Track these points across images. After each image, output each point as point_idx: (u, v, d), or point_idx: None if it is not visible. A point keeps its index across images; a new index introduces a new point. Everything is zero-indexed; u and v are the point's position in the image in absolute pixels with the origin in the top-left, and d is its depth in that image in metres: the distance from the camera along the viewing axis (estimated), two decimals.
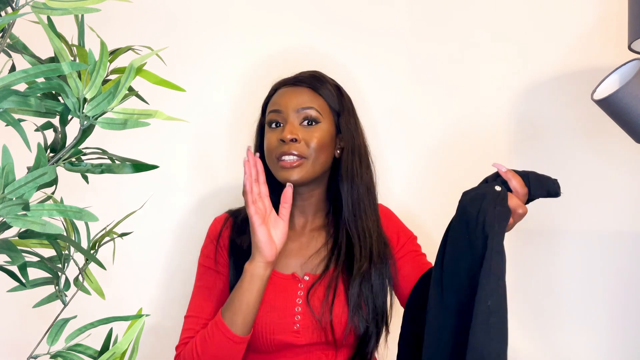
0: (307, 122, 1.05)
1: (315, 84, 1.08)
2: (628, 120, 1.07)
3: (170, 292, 1.38)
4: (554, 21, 1.44)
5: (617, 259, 1.43)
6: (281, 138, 1.03)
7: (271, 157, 1.05)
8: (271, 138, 1.06)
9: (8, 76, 0.51)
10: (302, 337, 1.03)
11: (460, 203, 0.91)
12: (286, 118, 1.05)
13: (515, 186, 0.91)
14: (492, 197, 0.87)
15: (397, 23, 1.45)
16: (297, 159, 1.03)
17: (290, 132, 1.03)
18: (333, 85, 1.10)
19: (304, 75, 1.10)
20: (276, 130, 1.06)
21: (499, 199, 0.87)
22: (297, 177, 1.03)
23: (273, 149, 1.05)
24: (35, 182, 0.52)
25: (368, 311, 1.03)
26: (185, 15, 1.41)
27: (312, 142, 1.04)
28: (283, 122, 1.06)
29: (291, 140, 1.02)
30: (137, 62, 0.57)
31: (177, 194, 1.39)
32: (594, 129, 1.42)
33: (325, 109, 1.07)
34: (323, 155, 1.06)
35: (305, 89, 1.08)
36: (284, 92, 1.09)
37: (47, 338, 0.64)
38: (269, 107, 1.10)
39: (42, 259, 0.66)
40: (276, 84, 1.13)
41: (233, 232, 1.11)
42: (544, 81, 1.44)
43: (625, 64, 1.10)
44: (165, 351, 1.36)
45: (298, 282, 1.06)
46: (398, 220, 1.18)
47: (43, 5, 0.53)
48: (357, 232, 1.07)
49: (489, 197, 0.87)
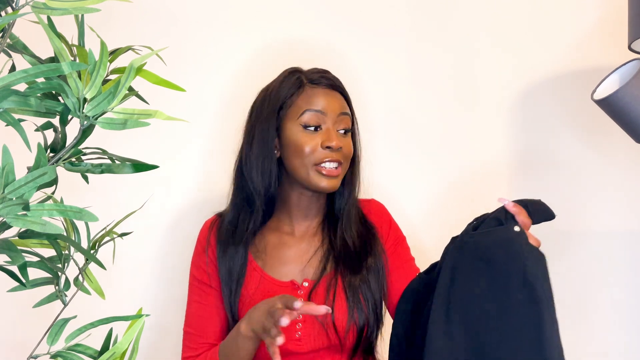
0: (344, 131, 1.04)
1: (345, 91, 1.08)
2: (628, 120, 1.07)
3: (170, 292, 1.37)
4: (554, 21, 1.44)
5: (617, 258, 1.43)
6: (329, 145, 1.00)
7: (309, 162, 1.01)
8: (309, 141, 1.01)
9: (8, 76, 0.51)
10: (304, 344, 1.01)
11: (474, 244, 0.87)
12: (327, 122, 1.02)
13: (523, 220, 0.87)
14: (518, 241, 0.84)
15: (397, 23, 1.45)
16: (338, 165, 1.02)
17: (338, 140, 1.01)
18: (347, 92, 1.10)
19: (331, 77, 1.07)
20: (316, 133, 1.02)
21: (524, 241, 0.84)
22: (335, 185, 1.03)
23: (311, 153, 1.01)
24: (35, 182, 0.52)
25: (367, 304, 1.03)
26: (185, 15, 1.41)
27: (347, 150, 1.04)
28: (324, 126, 1.03)
29: (338, 148, 1.01)
30: (137, 62, 0.57)
31: (177, 193, 1.39)
32: (594, 129, 1.42)
33: (351, 117, 1.08)
34: (349, 163, 1.07)
35: (339, 94, 1.06)
36: (322, 92, 1.04)
37: (47, 338, 0.64)
38: (302, 105, 1.03)
39: (42, 259, 0.66)
40: (296, 81, 1.05)
41: (219, 236, 1.09)
42: (544, 81, 1.44)
43: (625, 64, 1.10)
44: (165, 351, 1.36)
45: (297, 288, 1.04)
46: (390, 216, 1.18)
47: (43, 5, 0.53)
48: (351, 231, 1.08)
49: (517, 243, 0.84)
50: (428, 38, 1.45)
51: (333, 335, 1.01)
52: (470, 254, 0.87)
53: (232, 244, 1.06)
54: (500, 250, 0.85)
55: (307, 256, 1.08)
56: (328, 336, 1.01)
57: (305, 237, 1.10)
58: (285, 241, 1.09)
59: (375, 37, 1.44)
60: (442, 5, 1.45)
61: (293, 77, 1.05)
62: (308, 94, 1.03)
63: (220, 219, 1.11)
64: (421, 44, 1.45)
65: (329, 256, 1.07)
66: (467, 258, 0.88)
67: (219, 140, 1.41)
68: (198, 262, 1.09)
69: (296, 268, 1.07)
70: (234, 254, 1.05)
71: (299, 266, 1.07)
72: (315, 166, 1.01)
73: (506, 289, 0.83)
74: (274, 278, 1.05)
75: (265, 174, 1.04)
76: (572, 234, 1.44)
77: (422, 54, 1.45)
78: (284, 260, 1.07)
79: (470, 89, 1.45)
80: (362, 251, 1.07)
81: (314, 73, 1.07)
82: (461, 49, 1.45)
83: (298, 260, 1.08)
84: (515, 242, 0.84)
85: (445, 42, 1.45)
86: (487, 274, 0.85)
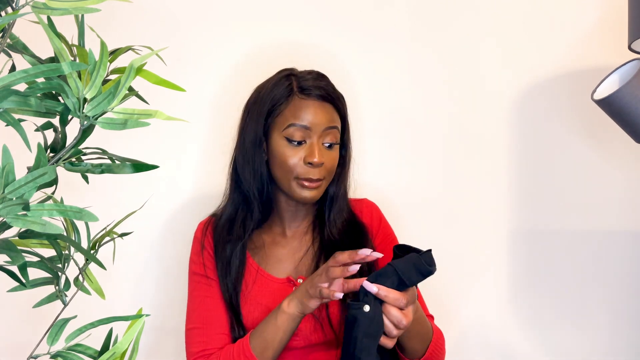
0: (329, 145, 1.04)
1: (337, 102, 1.06)
2: (628, 120, 1.07)
3: (170, 292, 1.37)
4: (554, 21, 1.44)
5: (617, 258, 1.43)
6: (309, 161, 1.01)
7: (290, 174, 1.02)
8: (292, 156, 1.02)
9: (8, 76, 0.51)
10: (300, 339, 1.03)
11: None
12: (313, 137, 1.02)
13: (391, 301, 0.83)
14: (362, 327, 0.83)
15: (397, 23, 1.45)
16: (319, 179, 1.03)
17: (320, 156, 1.01)
18: (343, 98, 1.09)
19: (322, 86, 1.05)
20: (299, 148, 1.02)
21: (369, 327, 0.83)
22: (314, 196, 1.04)
23: (293, 167, 1.02)
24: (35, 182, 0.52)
25: None
26: (185, 15, 1.41)
27: (330, 164, 1.05)
28: (307, 141, 1.03)
29: (320, 164, 1.02)
30: (137, 62, 0.57)
31: (177, 193, 1.39)
32: (594, 129, 1.42)
33: (340, 126, 1.08)
34: (333, 173, 1.07)
35: (328, 106, 1.05)
36: (309, 105, 1.02)
37: (47, 338, 0.64)
38: (289, 118, 1.02)
39: (42, 259, 0.66)
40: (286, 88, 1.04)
41: (216, 234, 1.10)
42: (544, 81, 1.44)
43: (625, 64, 1.10)
44: (166, 351, 1.36)
45: (293, 285, 1.07)
46: (381, 213, 1.19)
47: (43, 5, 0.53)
48: (338, 228, 1.10)
49: (361, 328, 0.83)
50: (428, 38, 1.45)
51: (328, 330, 1.02)
52: None
53: (230, 241, 1.07)
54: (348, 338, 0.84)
55: (299, 254, 1.10)
56: (323, 331, 1.02)
57: (296, 237, 1.12)
58: (278, 240, 1.12)
59: (375, 37, 1.44)
60: (442, 6, 1.45)
61: (285, 83, 1.04)
62: (296, 105, 1.02)
63: (215, 218, 1.12)
64: (421, 43, 1.45)
65: (320, 254, 1.09)
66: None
67: (219, 140, 1.41)
68: (195, 259, 1.10)
69: (290, 265, 1.09)
70: (232, 250, 1.07)
71: (292, 264, 1.09)
72: (297, 180, 1.02)
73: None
74: (271, 274, 1.08)
75: (257, 176, 1.06)
76: (571, 234, 1.44)
77: (422, 54, 1.45)
78: (279, 258, 1.10)
79: (470, 89, 1.45)
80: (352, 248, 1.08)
81: (307, 80, 1.04)
82: (461, 49, 1.45)
83: (291, 258, 1.10)
84: (358, 327, 0.83)
85: (444, 42, 1.45)
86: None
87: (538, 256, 1.44)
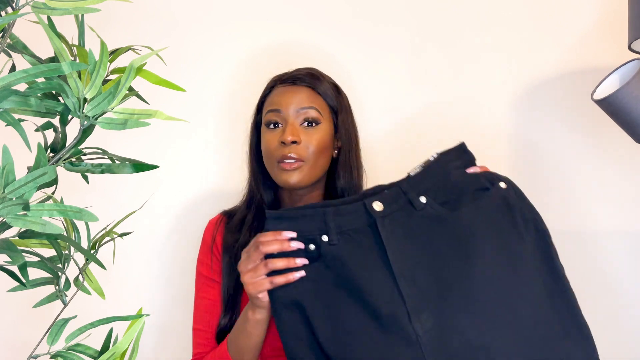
0: (308, 123, 1.03)
1: (315, 83, 1.06)
2: (628, 120, 1.07)
3: (170, 292, 1.37)
4: (554, 21, 1.44)
5: (617, 258, 1.43)
6: (282, 140, 1.00)
7: (271, 159, 1.03)
8: (271, 139, 1.03)
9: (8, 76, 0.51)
10: None
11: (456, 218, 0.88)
12: (286, 118, 1.02)
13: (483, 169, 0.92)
14: (509, 194, 0.89)
15: (397, 23, 1.45)
16: (295, 161, 1.00)
17: (292, 134, 1.00)
18: (331, 84, 1.09)
19: (302, 73, 1.07)
20: (275, 131, 1.03)
21: (511, 192, 0.90)
22: (297, 180, 1.00)
23: (273, 151, 1.02)
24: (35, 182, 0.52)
25: None
26: (185, 15, 1.41)
27: (311, 144, 1.02)
28: (283, 123, 1.03)
29: (292, 142, 1.00)
30: (137, 62, 0.57)
31: (177, 193, 1.39)
32: (594, 129, 1.42)
33: (325, 109, 1.06)
34: (322, 157, 1.04)
35: (304, 88, 1.05)
36: (282, 90, 1.06)
37: (47, 338, 0.64)
38: (267, 106, 1.07)
39: (42, 259, 0.66)
40: (272, 81, 1.09)
41: (227, 233, 1.10)
42: (543, 81, 1.44)
43: (625, 64, 1.10)
44: (166, 351, 1.36)
45: None
46: None
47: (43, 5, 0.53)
48: None
49: (509, 197, 0.89)
50: (427, 38, 1.45)
51: None
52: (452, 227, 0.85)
53: (238, 240, 1.07)
54: (499, 211, 0.86)
55: None
56: None
57: None
58: None
59: (376, 37, 1.44)
60: (442, 6, 1.45)
61: (272, 80, 1.10)
62: (272, 94, 1.07)
63: (226, 216, 1.12)
64: (420, 43, 1.45)
65: None
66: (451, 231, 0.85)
67: (219, 140, 1.41)
68: (203, 259, 1.10)
69: None
70: (239, 250, 1.06)
71: None
72: (278, 164, 1.02)
73: (517, 238, 0.85)
74: None
75: (258, 177, 1.09)
76: (571, 234, 1.44)
77: (421, 54, 1.45)
78: None
79: (470, 89, 1.45)
80: None
81: (289, 73, 1.09)
82: (460, 49, 1.45)
83: None
84: (508, 196, 0.87)
85: (444, 42, 1.45)
86: (492, 239, 0.84)
87: None
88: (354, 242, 0.84)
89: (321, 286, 0.84)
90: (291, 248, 0.85)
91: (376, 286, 0.81)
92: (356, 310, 0.82)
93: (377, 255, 0.83)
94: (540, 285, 0.84)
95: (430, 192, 0.87)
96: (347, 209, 0.86)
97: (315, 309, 0.83)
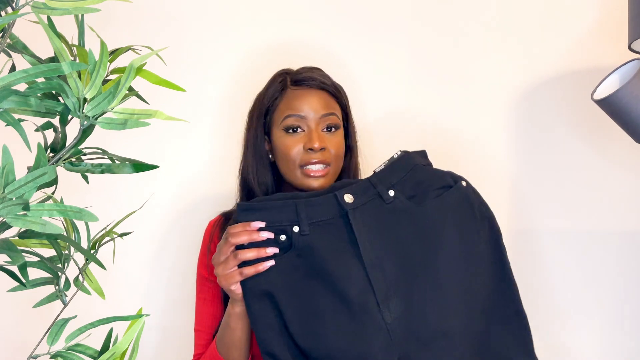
0: (329, 129, 1.04)
1: (330, 86, 1.07)
2: (628, 120, 1.07)
3: (170, 292, 1.37)
4: (554, 21, 1.44)
5: (617, 258, 1.43)
6: (309, 147, 1.00)
7: (293, 164, 1.02)
8: (292, 144, 1.02)
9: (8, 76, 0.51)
10: None
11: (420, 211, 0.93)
12: (309, 124, 1.02)
13: None
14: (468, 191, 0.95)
15: (397, 22, 1.45)
16: (324, 167, 1.02)
17: (319, 141, 1.01)
18: (340, 86, 1.10)
19: (315, 76, 1.07)
20: (296, 136, 1.03)
21: (471, 189, 0.97)
22: (321, 184, 1.02)
23: (295, 156, 1.02)
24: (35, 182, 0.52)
25: None
26: (185, 15, 1.41)
27: (334, 148, 1.03)
28: (305, 128, 1.03)
29: (321, 149, 1.01)
30: (137, 62, 0.57)
31: (177, 193, 1.39)
32: (594, 129, 1.42)
33: (340, 112, 1.08)
34: (341, 160, 1.07)
35: (322, 92, 1.05)
36: (300, 94, 1.04)
37: (47, 338, 0.64)
38: (283, 109, 1.04)
39: (42, 259, 0.66)
40: (279, 81, 1.07)
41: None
42: (544, 81, 1.44)
43: (625, 64, 1.10)
44: (166, 351, 1.36)
45: None
46: None
47: (43, 5, 0.53)
48: None
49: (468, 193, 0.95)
50: (428, 38, 1.45)
51: None
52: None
53: None
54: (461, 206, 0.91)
55: None
56: None
57: None
58: None
59: (375, 36, 1.44)
60: (443, 6, 1.45)
61: (278, 80, 1.07)
62: (289, 97, 1.05)
63: (225, 218, 1.12)
64: (421, 43, 1.45)
65: None
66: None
67: (219, 140, 1.41)
68: (203, 260, 1.10)
69: None
70: None
71: None
72: (302, 168, 1.02)
73: (475, 233, 0.90)
74: None
75: (262, 181, 1.07)
76: (571, 234, 1.44)
77: (422, 54, 1.45)
78: None
79: (470, 89, 1.45)
80: None
81: (299, 73, 1.07)
82: (461, 49, 1.45)
83: None
84: (469, 194, 0.93)
85: (444, 42, 1.45)
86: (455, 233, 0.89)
87: (537, 256, 1.44)
88: (325, 233, 0.86)
89: (292, 276, 0.85)
90: (260, 238, 0.85)
91: (347, 275, 0.84)
92: (327, 299, 0.83)
93: (347, 246, 0.85)
94: (490, 277, 0.90)
95: (397, 186, 0.91)
96: (318, 200, 0.88)
97: (286, 298, 0.84)
